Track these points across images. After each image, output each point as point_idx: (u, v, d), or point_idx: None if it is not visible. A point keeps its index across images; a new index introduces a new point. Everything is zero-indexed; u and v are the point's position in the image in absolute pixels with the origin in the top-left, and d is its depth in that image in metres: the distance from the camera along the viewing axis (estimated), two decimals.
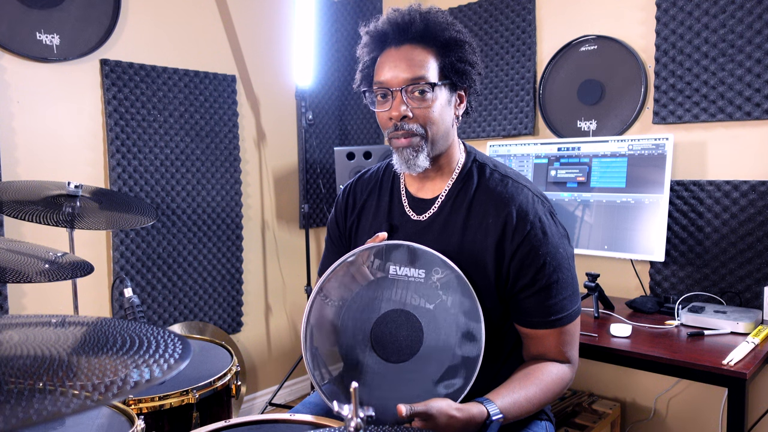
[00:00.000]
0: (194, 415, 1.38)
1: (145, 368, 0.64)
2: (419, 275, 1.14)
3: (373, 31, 1.21)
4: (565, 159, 2.28)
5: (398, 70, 1.15)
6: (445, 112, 1.20)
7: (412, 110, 1.16)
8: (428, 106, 1.16)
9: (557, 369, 1.18)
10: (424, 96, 1.16)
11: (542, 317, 1.17)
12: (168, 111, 2.47)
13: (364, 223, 1.35)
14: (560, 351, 1.20)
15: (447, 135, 1.22)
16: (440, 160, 1.24)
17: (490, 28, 2.75)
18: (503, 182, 1.21)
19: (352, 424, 0.65)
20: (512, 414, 1.08)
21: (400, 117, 1.16)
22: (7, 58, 2.05)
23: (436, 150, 1.20)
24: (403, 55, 1.16)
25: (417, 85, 1.15)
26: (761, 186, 2.03)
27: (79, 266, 1.43)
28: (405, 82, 1.15)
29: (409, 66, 1.15)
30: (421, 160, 1.18)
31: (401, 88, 1.15)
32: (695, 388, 2.25)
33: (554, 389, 1.16)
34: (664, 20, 2.22)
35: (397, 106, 1.16)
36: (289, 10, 2.90)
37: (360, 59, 1.27)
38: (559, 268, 1.16)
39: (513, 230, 1.15)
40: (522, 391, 1.12)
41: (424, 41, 1.17)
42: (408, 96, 1.16)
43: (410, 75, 1.15)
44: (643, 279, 2.31)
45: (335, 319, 1.15)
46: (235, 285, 2.75)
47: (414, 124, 1.16)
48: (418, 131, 1.16)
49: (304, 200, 2.89)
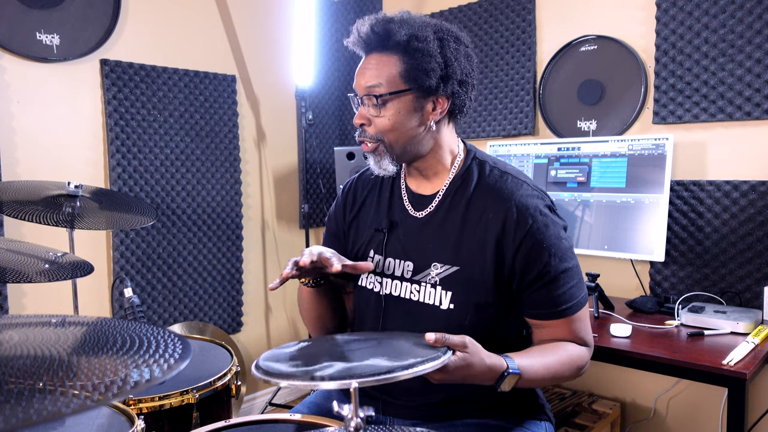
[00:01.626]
0: (194, 415, 1.38)
1: (145, 368, 0.64)
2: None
3: (351, 42, 1.23)
4: (565, 159, 2.28)
5: (359, 78, 1.20)
6: (407, 120, 1.18)
7: (372, 118, 1.19)
8: (381, 116, 1.18)
9: (575, 348, 1.20)
10: (378, 107, 1.18)
11: (552, 308, 1.17)
12: (168, 111, 2.47)
13: (365, 219, 1.36)
14: (575, 337, 1.21)
15: (414, 141, 1.20)
16: (427, 161, 1.25)
17: (490, 28, 2.75)
18: (503, 178, 1.22)
19: (352, 424, 0.65)
20: (528, 375, 1.09)
21: (359, 125, 1.21)
22: (7, 58, 2.05)
23: (406, 155, 1.22)
24: (366, 64, 1.20)
25: (368, 96, 1.18)
26: (761, 186, 2.02)
27: (79, 266, 1.43)
28: (363, 91, 1.19)
29: (366, 77, 1.18)
30: (385, 164, 1.22)
31: (360, 96, 1.20)
32: (695, 388, 2.25)
33: (572, 365, 1.18)
34: (664, 20, 2.22)
35: (359, 113, 1.21)
36: (289, 10, 2.90)
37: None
38: (564, 258, 1.17)
39: (514, 225, 1.15)
40: (540, 358, 1.13)
41: (387, 48, 1.17)
42: (368, 104, 1.19)
43: (364, 84, 1.18)
44: (643, 279, 2.31)
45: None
46: (235, 285, 2.75)
47: (372, 131, 1.20)
48: (376, 137, 1.20)
49: (304, 200, 2.89)
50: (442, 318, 1.20)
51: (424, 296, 1.22)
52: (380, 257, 1.29)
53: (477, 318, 1.19)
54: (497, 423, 1.24)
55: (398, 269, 1.27)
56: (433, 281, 1.21)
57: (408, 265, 1.25)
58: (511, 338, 1.26)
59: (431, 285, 1.22)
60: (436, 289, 1.21)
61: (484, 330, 1.21)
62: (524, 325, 1.28)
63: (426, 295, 1.22)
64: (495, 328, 1.22)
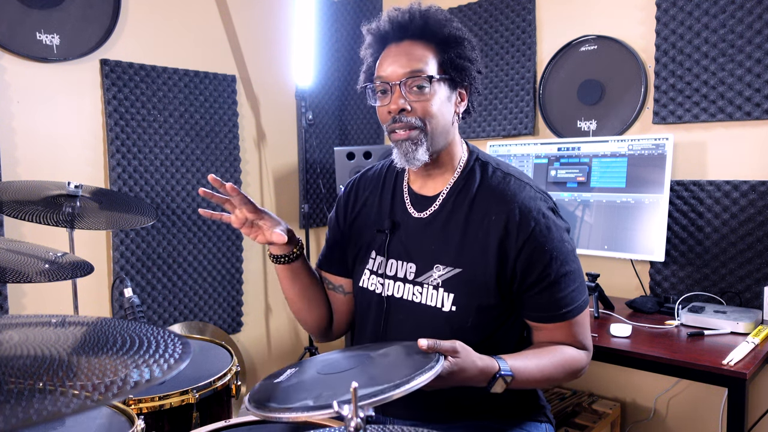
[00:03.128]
0: (194, 415, 1.38)
1: (145, 368, 0.64)
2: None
3: (375, 29, 1.23)
4: (565, 159, 2.28)
5: (397, 65, 1.17)
6: (444, 107, 1.20)
7: (411, 103, 1.17)
8: (426, 99, 1.17)
9: (572, 351, 1.20)
10: (422, 90, 1.17)
11: (552, 311, 1.17)
12: (168, 111, 2.47)
13: (366, 220, 1.35)
14: (574, 340, 1.21)
15: (446, 131, 1.22)
16: (441, 158, 1.24)
17: (490, 28, 2.75)
18: (505, 180, 1.22)
19: (352, 424, 0.65)
20: (521, 377, 1.09)
21: (399, 110, 1.17)
22: (7, 58, 2.05)
23: (436, 145, 1.20)
24: (402, 51, 1.19)
25: (415, 78, 1.16)
26: (761, 186, 2.02)
27: (79, 266, 1.43)
28: (403, 75, 1.17)
29: (408, 60, 1.17)
30: (420, 153, 1.18)
31: (400, 81, 1.17)
32: (695, 388, 2.25)
33: (567, 369, 1.18)
34: (664, 20, 2.22)
35: (395, 99, 1.18)
36: (289, 10, 2.90)
37: (363, 60, 1.29)
38: (566, 261, 1.16)
39: (517, 228, 1.15)
40: (534, 360, 1.14)
41: (424, 37, 1.19)
42: (406, 89, 1.17)
43: (408, 69, 1.17)
44: (643, 279, 2.31)
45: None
46: (235, 285, 2.75)
47: (412, 116, 1.17)
48: (417, 124, 1.17)
49: (304, 200, 2.89)
50: (443, 320, 1.19)
51: (426, 298, 1.22)
52: (382, 258, 1.29)
53: (479, 320, 1.19)
54: (497, 425, 1.24)
55: (401, 270, 1.26)
56: (436, 283, 1.21)
57: (410, 267, 1.25)
58: (512, 340, 1.25)
59: (433, 287, 1.21)
60: (438, 291, 1.20)
61: (485, 332, 1.20)
62: (525, 327, 1.28)
63: (428, 297, 1.21)
64: (497, 330, 1.22)
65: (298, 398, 0.89)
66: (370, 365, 0.99)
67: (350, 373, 0.97)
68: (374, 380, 0.88)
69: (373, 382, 0.87)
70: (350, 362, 1.04)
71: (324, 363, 1.06)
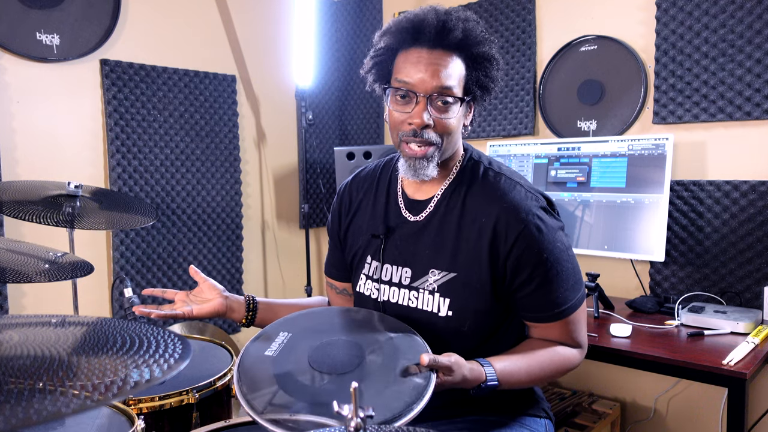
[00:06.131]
0: (194, 415, 1.38)
1: (145, 368, 0.64)
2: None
3: (409, 20, 1.14)
4: (565, 159, 2.28)
5: (428, 75, 1.11)
6: (460, 123, 1.19)
7: (434, 119, 1.13)
8: (449, 117, 1.14)
9: (565, 350, 1.20)
10: (447, 107, 1.14)
11: (545, 311, 1.17)
12: (168, 111, 2.47)
13: (360, 223, 1.34)
14: (568, 338, 1.21)
15: (456, 143, 1.22)
16: (441, 164, 1.24)
17: (490, 28, 2.75)
18: (496, 179, 1.20)
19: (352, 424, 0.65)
20: (507, 383, 1.11)
21: (422, 125, 1.12)
22: (7, 58, 2.05)
23: (443, 158, 1.20)
24: (434, 60, 1.12)
25: (444, 96, 1.12)
26: (761, 186, 2.02)
27: (79, 266, 1.43)
28: (433, 89, 1.11)
29: (440, 74, 1.11)
30: (430, 169, 1.16)
31: (428, 95, 1.12)
32: (695, 388, 2.25)
33: (558, 368, 1.18)
34: (664, 20, 2.22)
35: (420, 113, 1.12)
36: (289, 10, 2.90)
37: (375, 44, 1.20)
38: (558, 261, 1.15)
39: (506, 228, 1.14)
40: (525, 361, 1.14)
41: (458, 50, 1.14)
42: (432, 104, 1.13)
43: (439, 84, 1.11)
44: (643, 279, 2.31)
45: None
46: (235, 285, 2.75)
47: (432, 133, 1.14)
48: (435, 141, 1.14)
49: (304, 200, 2.89)
50: (440, 325, 1.19)
51: (423, 303, 1.21)
52: (377, 263, 1.28)
53: (476, 324, 1.18)
54: (496, 418, 1.24)
55: (396, 276, 1.26)
56: (431, 288, 1.20)
57: (406, 272, 1.24)
58: (510, 342, 1.25)
59: (429, 292, 1.20)
60: (434, 296, 1.20)
61: (483, 335, 1.20)
62: (524, 327, 1.28)
63: (424, 302, 1.21)
64: (495, 332, 1.22)
65: (297, 408, 0.95)
66: (365, 375, 1.01)
67: (346, 378, 1.01)
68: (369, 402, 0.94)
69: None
70: (343, 354, 1.07)
71: (314, 332, 1.12)
